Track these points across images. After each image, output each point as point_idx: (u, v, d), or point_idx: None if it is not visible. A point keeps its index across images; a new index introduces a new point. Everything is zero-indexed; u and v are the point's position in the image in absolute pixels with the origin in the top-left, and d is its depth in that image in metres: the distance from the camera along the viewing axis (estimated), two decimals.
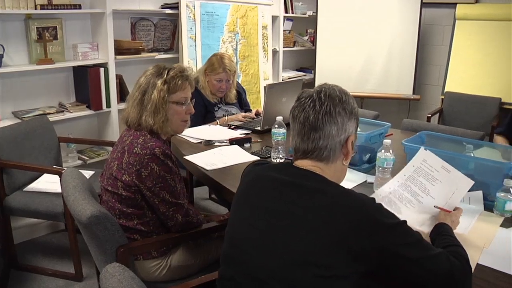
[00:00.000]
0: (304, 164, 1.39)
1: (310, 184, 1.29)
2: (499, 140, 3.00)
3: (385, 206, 1.28)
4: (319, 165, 1.38)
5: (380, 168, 2.01)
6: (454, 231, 1.61)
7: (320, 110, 1.35)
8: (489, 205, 1.92)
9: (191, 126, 2.72)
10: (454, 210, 1.70)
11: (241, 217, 1.37)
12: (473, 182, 1.74)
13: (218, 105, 3.42)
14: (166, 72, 1.99)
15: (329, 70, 5.31)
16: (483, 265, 1.50)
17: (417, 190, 1.80)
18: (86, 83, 3.62)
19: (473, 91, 4.76)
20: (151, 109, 1.95)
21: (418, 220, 1.70)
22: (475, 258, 1.51)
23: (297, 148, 1.41)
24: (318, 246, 1.18)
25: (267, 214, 1.29)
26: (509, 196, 1.84)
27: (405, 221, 1.27)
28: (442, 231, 1.53)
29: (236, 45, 4.73)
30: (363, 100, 5.29)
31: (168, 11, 4.18)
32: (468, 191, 1.89)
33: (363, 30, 5.20)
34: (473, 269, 1.40)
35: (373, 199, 1.29)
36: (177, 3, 4.13)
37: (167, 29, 4.30)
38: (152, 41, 4.23)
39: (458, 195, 1.73)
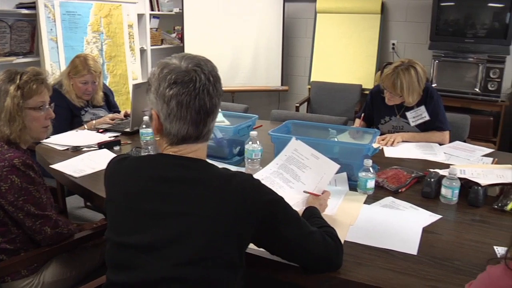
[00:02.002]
0: (187, 149, 1.30)
1: (187, 174, 1.25)
2: (358, 123, 3.20)
3: None
4: (201, 145, 1.31)
5: (249, 160, 2.06)
6: (324, 212, 1.70)
7: (214, 94, 1.26)
8: (353, 185, 2.05)
9: (57, 132, 2.58)
10: (322, 193, 1.79)
11: (122, 221, 1.29)
12: (339, 166, 1.85)
13: (85, 109, 3.27)
14: (18, 76, 1.85)
15: None
16: (349, 241, 1.60)
17: (289, 177, 1.88)
18: None
19: (336, 80, 5.06)
20: (5, 118, 1.81)
21: (290, 201, 1.76)
22: (343, 236, 1.60)
23: (187, 136, 1.27)
24: (207, 239, 1.17)
25: (150, 215, 1.23)
26: (369, 175, 1.98)
27: (283, 198, 1.31)
28: (312, 214, 1.59)
29: (102, 46, 4.57)
30: (234, 94, 5.38)
31: (25, 11, 3.92)
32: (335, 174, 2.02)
33: (229, 26, 5.28)
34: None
35: (251, 175, 1.29)
36: (34, 2, 3.89)
37: (24, 31, 4.03)
38: (8, 44, 3.94)
39: (326, 179, 1.83)
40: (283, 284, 1.53)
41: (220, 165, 2.23)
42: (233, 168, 2.27)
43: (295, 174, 1.88)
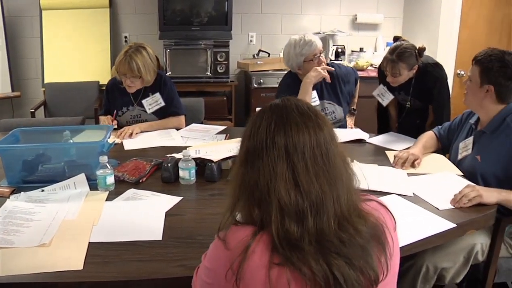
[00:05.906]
0: None
1: None
2: (104, 120, 3.12)
3: None
4: None
5: None
6: (64, 218, 1.65)
7: None
8: (94, 184, 2.01)
9: None
10: None
11: None
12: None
13: None
14: None
15: None
16: (94, 242, 1.56)
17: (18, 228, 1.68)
18: None
19: (72, 79, 4.84)
20: None
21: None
22: (85, 238, 1.57)
23: None
24: None
25: None
26: (107, 171, 1.96)
27: None
28: None
29: None
30: None
31: None
32: (71, 176, 1.96)
33: None
34: (86, 250, 1.48)
35: None
36: None
37: None
38: None
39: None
40: None
41: None
42: None
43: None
